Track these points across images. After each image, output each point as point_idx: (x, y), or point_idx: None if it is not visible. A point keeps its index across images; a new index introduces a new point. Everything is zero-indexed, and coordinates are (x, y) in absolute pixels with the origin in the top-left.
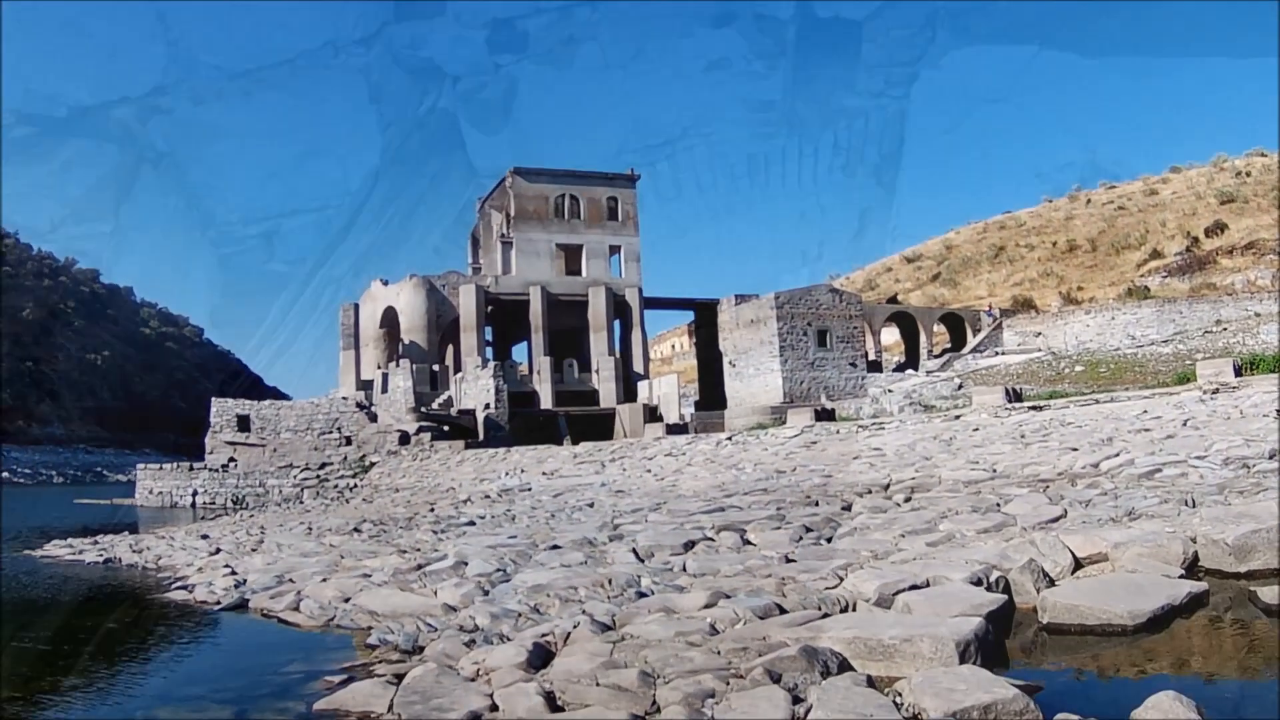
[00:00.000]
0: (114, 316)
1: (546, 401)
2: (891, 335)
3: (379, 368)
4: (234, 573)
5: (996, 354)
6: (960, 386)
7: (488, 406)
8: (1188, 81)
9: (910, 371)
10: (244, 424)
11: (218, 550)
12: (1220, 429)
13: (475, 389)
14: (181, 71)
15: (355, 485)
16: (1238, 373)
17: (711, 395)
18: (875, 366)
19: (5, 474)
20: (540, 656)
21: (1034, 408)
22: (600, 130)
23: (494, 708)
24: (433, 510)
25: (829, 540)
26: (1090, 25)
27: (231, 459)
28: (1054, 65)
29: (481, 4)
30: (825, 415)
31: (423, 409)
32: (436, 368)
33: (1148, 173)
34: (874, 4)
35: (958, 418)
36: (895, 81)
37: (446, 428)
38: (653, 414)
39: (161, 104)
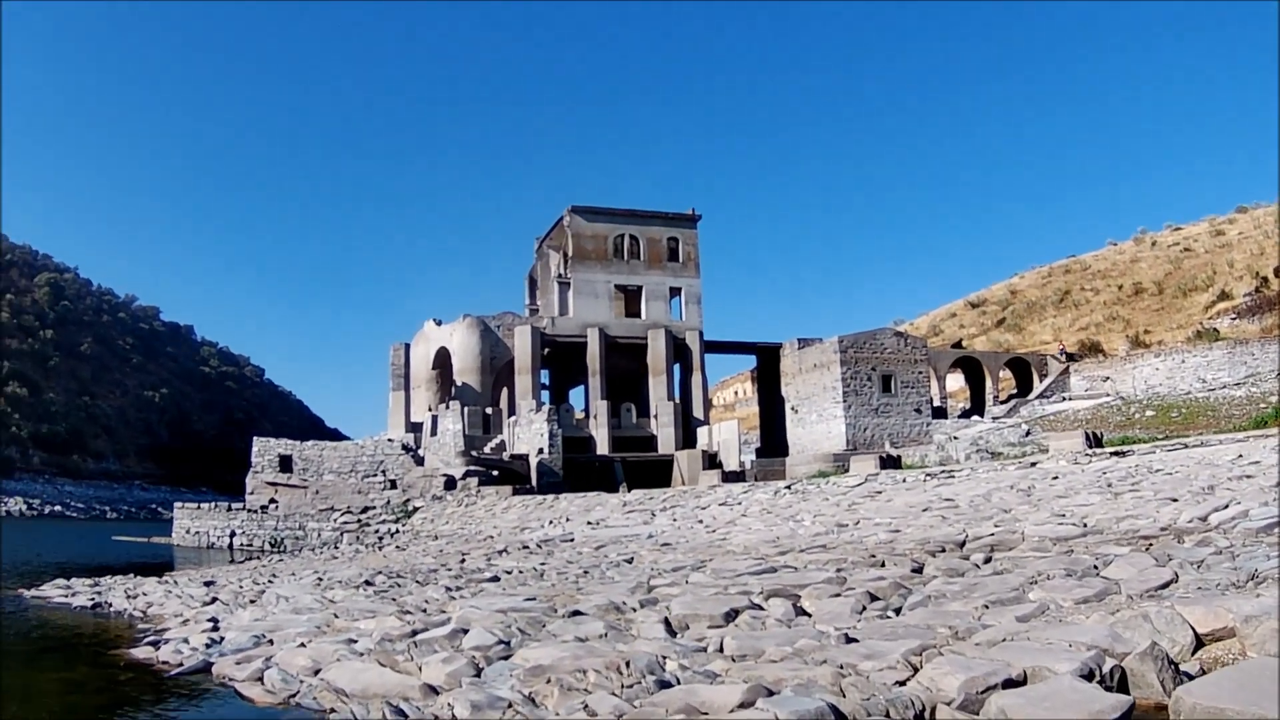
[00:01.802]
0: (173, 354)
1: (603, 447)
2: (956, 381)
3: (430, 410)
4: (215, 628)
5: (1064, 399)
6: (1028, 433)
7: (541, 451)
8: (1252, 120)
9: (976, 418)
10: (286, 464)
11: (213, 600)
12: None
13: (529, 433)
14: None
15: (397, 530)
16: None
17: (773, 442)
18: (940, 413)
19: (58, 507)
20: None
21: (1117, 453)
22: (661, 168)
23: None
24: (463, 561)
25: (898, 611)
26: (1152, 66)
27: (272, 500)
28: (1117, 105)
29: (545, 36)
30: (891, 463)
31: (473, 453)
32: (489, 411)
33: (1213, 213)
34: (938, 64)
35: (1034, 465)
36: (959, 125)
37: (496, 472)
38: (712, 460)
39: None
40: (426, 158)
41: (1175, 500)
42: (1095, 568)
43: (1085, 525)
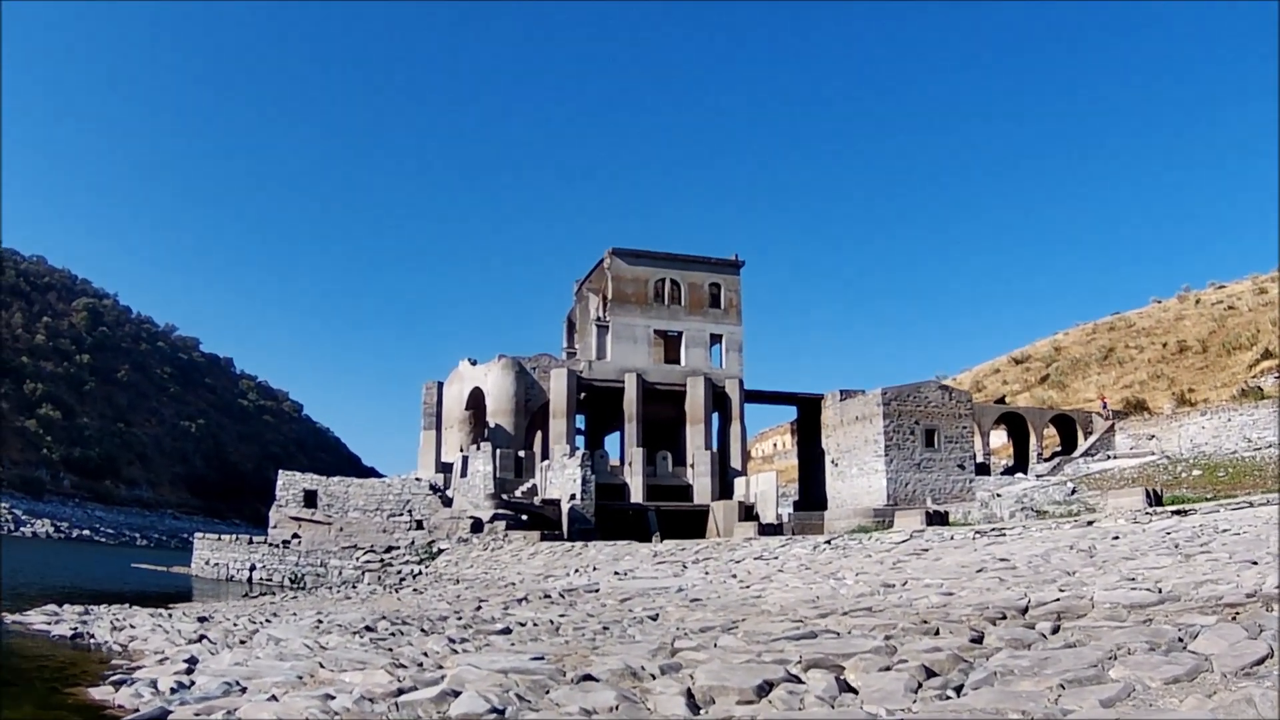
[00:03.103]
0: (212, 386)
1: (637, 495)
2: (999, 438)
3: (461, 450)
4: (190, 670)
5: (1109, 458)
6: (1074, 491)
7: (573, 497)
8: None
9: (1020, 475)
10: (311, 499)
11: (200, 638)
12: None
13: (561, 478)
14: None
15: (419, 572)
16: None
17: (811, 495)
18: (983, 469)
19: (87, 531)
20: None
21: (1179, 512)
22: (705, 212)
23: None
24: (478, 609)
25: (959, 690)
26: (1197, 123)
27: (295, 535)
28: (1162, 162)
29: (586, 75)
30: (937, 519)
31: (503, 496)
32: (522, 454)
33: (1257, 271)
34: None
35: (1091, 523)
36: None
37: (525, 517)
38: (749, 512)
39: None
40: (467, 197)
41: (1255, 563)
42: (1180, 640)
43: (1160, 590)
